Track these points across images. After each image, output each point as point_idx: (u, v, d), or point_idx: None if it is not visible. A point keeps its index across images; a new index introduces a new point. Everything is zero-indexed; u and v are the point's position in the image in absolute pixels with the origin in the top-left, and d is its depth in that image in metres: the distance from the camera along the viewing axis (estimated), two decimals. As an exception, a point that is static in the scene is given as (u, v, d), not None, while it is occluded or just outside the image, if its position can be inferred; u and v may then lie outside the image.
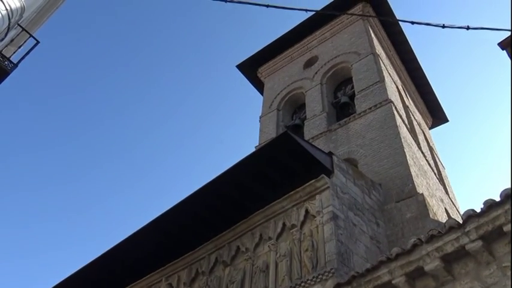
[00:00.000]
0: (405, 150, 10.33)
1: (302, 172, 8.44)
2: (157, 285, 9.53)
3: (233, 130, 44.28)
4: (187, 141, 42.55)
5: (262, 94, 17.39)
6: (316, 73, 15.17)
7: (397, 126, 11.03)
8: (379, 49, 14.88)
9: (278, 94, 15.98)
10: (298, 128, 14.08)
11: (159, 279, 9.56)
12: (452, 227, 5.19)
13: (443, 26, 5.38)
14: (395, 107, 12.01)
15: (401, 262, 5.50)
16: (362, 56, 14.12)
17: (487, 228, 4.94)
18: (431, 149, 14.93)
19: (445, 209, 11.53)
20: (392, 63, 16.08)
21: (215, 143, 44.10)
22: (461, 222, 5.21)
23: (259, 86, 18.22)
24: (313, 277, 6.64)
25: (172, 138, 42.75)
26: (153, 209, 39.17)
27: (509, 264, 4.75)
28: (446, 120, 18.05)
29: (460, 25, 5.09)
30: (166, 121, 42.78)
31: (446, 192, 13.33)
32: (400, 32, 16.63)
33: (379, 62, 13.68)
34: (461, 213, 11.11)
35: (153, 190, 41.13)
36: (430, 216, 8.54)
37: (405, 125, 12.35)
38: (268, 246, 7.86)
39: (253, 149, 13.20)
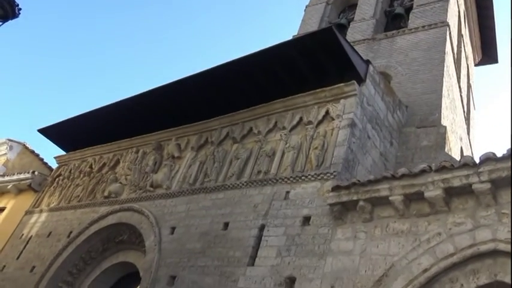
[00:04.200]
0: (444, 79, 9.88)
1: (334, 73, 8.20)
2: (167, 142, 9.96)
3: (275, 16, 42.41)
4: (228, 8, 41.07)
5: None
6: (378, -27, 13.87)
7: (444, 52, 10.39)
8: (455, -36, 13.38)
9: (332, -14, 14.85)
10: (342, 28, 13.35)
11: (170, 137, 9.95)
12: (467, 163, 5.13)
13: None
14: (450, 33, 11.20)
15: (404, 182, 5.58)
16: (434, -33, 12.76)
17: (501, 174, 4.88)
18: (469, 86, 14.32)
19: (461, 148, 11.43)
20: (463, -17, 14.59)
21: (252, 25, 42.58)
22: (477, 162, 5.14)
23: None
24: (315, 174, 6.83)
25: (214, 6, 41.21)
26: (178, 71, 39.24)
27: (509, 211, 4.79)
28: (496, 61, 16.98)
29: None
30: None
31: (468, 133, 13.11)
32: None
33: (450, -22, 12.39)
34: (475, 156, 11.00)
35: (187, 52, 41.05)
36: (445, 150, 8.48)
37: (453, 53, 11.64)
38: (280, 135, 7.97)
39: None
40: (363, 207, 5.85)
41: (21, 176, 12.70)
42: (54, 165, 13.48)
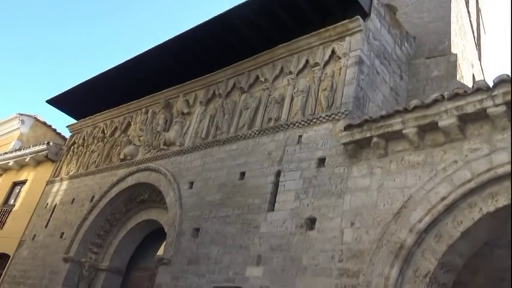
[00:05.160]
0: (452, 4, 9.51)
1: (337, 11, 7.94)
2: (175, 99, 9.93)
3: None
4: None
5: None
6: None
7: (451, -24, 9.92)
8: None
9: None
10: (341, -38, 12.75)
11: (177, 94, 9.91)
12: (480, 88, 5.02)
13: None
14: (455, -46, 10.63)
15: (417, 114, 5.51)
16: None
17: (516, 95, 4.78)
18: (478, 10, 13.78)
19: (473, 74, 11.19)
20: None
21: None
22: (491, 85, 5.02)
23: None
24: (326, 115, 6.79)
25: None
26: (180, 25, 38.43)
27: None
28: (505, -19, 16.19)
29: None
30: None
31: (479, 59, 12.77)
32: None
33: None
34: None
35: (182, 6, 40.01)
36: (457, 78, 8.30)
37: (460, -24, 11.12)
38: (288, 80, 7.86)
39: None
40: (377, 143, 5.83)
41: (37, 147, 12.91)
42: (67, 134, 13.64)
